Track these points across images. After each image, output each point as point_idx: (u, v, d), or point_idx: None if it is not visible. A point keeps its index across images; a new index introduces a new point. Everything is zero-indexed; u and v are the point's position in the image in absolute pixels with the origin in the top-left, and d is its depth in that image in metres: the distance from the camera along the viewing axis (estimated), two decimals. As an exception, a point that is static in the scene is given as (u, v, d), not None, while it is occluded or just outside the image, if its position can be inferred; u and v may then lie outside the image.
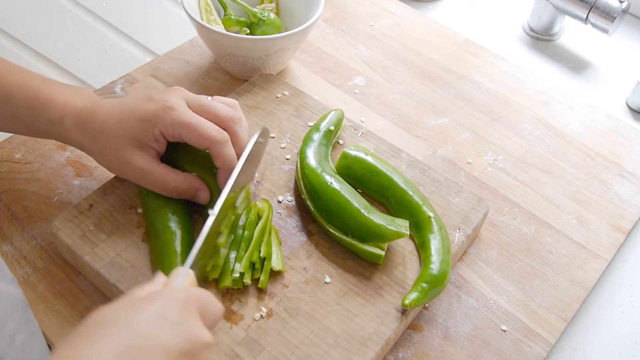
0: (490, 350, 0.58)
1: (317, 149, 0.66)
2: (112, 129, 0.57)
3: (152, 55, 0.87)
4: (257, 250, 0.58)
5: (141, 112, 0.57)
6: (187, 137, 0.57)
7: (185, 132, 0.57)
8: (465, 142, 0.77)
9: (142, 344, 0.37)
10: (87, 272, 0.59)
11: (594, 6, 0.86)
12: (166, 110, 0.57)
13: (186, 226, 0.59)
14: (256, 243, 0.58)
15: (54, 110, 0.58)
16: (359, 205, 0.60)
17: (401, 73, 0.86)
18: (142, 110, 0.57)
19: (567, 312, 0.62)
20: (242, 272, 0.56)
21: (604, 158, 0.77)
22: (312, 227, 0.63)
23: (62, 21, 0.91)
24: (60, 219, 0.60)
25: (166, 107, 0.57)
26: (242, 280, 0.57)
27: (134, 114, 0.57)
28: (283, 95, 0.75)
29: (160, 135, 0.57)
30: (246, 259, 0.57)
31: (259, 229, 0.59)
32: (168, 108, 0.57)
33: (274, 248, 0.59)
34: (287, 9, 0.84)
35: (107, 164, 0.60)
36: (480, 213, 0.64)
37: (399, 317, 0.56)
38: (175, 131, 0.57)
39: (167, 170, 0.59)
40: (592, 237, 0.69)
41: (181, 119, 0.57)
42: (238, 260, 0.57)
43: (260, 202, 0.61)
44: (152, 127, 0.57)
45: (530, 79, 0.87)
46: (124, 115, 0.58)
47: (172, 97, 0.58)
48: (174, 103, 0.57)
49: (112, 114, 0.58)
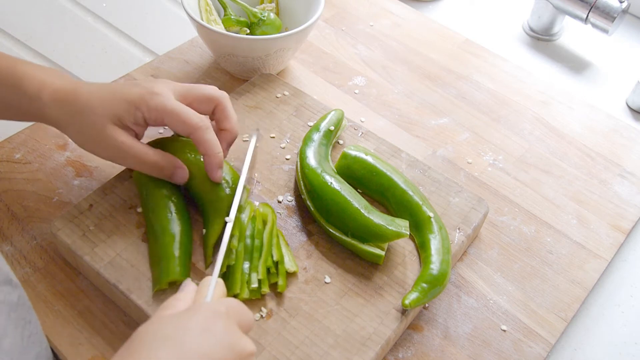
0: (490, 350, 0.58)
1: (317, 149, 0.66)
2: (94, 107, 0.57)
3: (152, 55, 0.87)
4: (269, 256, 0.58)
5: (126, 93, 0.58)
6: (169, 123, 0.58)
7: (168, 118, 0.58)
8: (465, 142, 0.77)
9: (192, 358, 0.39)
10: (87, 272, 0.59)
11: (594, 6, 0.86)
12: (152, 95, 0.57)
13: (185, 228, 0.58)
14: (267, 249, 0.58)
15: (30, 84, 0.58)
16: (359, 205, 0.60)
17: (401, 73, 0.86)
18: (127, 92, 0.58)
19: (567, 312, 0.62)
20: (260, 280, 0.56)
21: (604, 158, 0.77)
22: (312, 227, 0.63)
23: (62, 21, 0.91)
24: (60, 219, 0.60)
25: (152, 92, 0.58)
26: (259, 290, 0.56)
27: (119, 95, 0.58)
28: (283, 95, 0.75)
29: (142, 118, 0.58)
30: (262, 265, 0.57)
31: (267, 235, 0.59)
32: (154, 93, 0.58)
33: (284, 250, 0.59)
34: (287, 9, 0.84)
35: (85, 141, 0.59)
36: (480, 213, 0.64)
37: (399, 317, 0.56)
38: (158, 116, 0.58)
39: (147, 147, 0.59)
40: (592, 237, 0.69)
41: (165, 105, 0.57)
42: (253, 270, 0.57)
43: (261, 207, 0.61)
44: (136, 109, 0.57)
45: (530, 79, 0.87)
46: (108, 95, 0.58)
47: (158, 85, 0.59)
48: (158, 89, 0.58)
49: (95, 94, 0.58)
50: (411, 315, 0.58)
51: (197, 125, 0.58)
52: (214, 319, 0.42)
